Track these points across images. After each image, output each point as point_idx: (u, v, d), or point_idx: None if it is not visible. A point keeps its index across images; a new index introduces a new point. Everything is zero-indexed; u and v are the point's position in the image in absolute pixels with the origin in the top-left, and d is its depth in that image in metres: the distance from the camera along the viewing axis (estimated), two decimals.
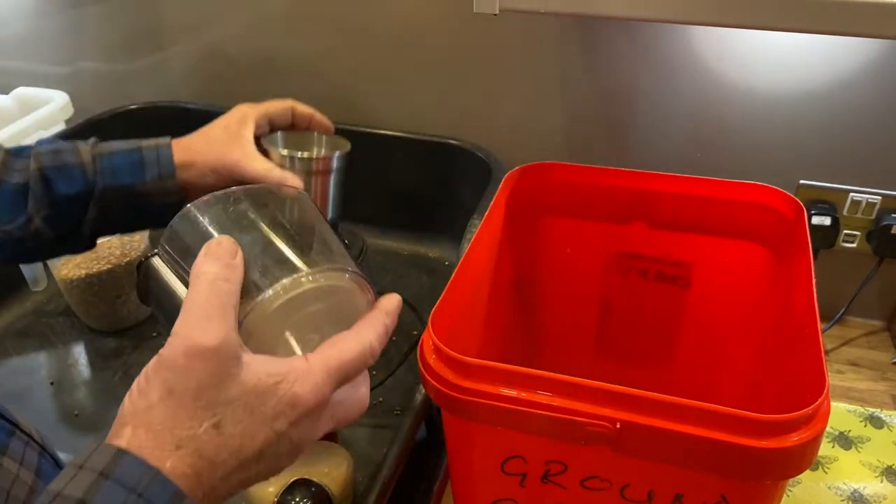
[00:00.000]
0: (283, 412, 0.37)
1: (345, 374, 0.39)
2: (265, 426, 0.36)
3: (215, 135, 0.65)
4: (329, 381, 0.38)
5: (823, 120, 0.87)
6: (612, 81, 0.93)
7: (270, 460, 0.37)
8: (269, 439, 0.36)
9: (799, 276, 0.59)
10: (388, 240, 1.05)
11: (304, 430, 0.39)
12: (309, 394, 0.37)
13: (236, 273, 0.38)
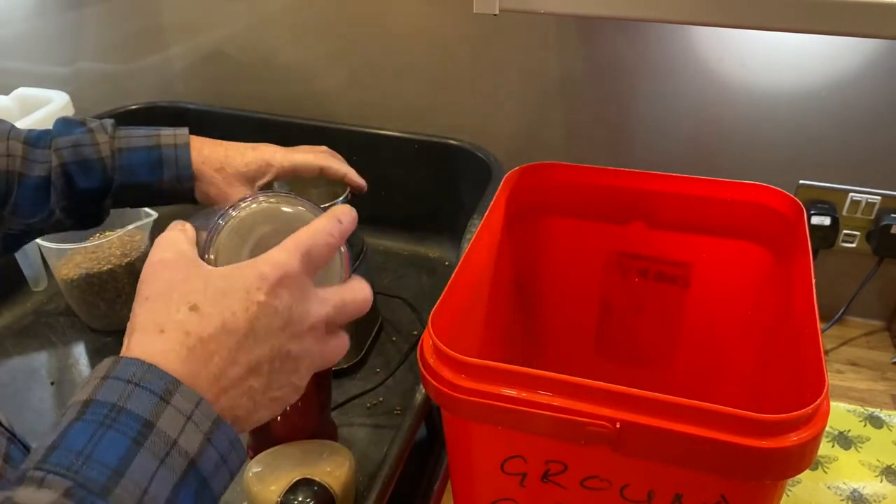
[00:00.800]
0: (255, 285, 0.37)
1: (309, 251, 0.40)
2: (243, 299, 0.37)
3: (232, 166, 0.66)
4: (295, 254, 0.39)
5: (823, 120, 0.87)
6: (611, 81, 0.93)
7: (270, 340, 0.37)
8: (252, 312, 0.37)
9: (799, 276, 0.59)
10: (388, 240, 1.05)
11: (290, 303, 0.38)
12: (275, 266, 0.38)
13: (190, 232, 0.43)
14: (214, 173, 0.65)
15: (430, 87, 1.02)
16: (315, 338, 0.40)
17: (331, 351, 0.42)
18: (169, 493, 0.32)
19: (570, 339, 0.80)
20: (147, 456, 0.32)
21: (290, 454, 0.64)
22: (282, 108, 1.08)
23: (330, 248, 0.41)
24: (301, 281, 0.39)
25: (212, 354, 0.36)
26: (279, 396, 0.39)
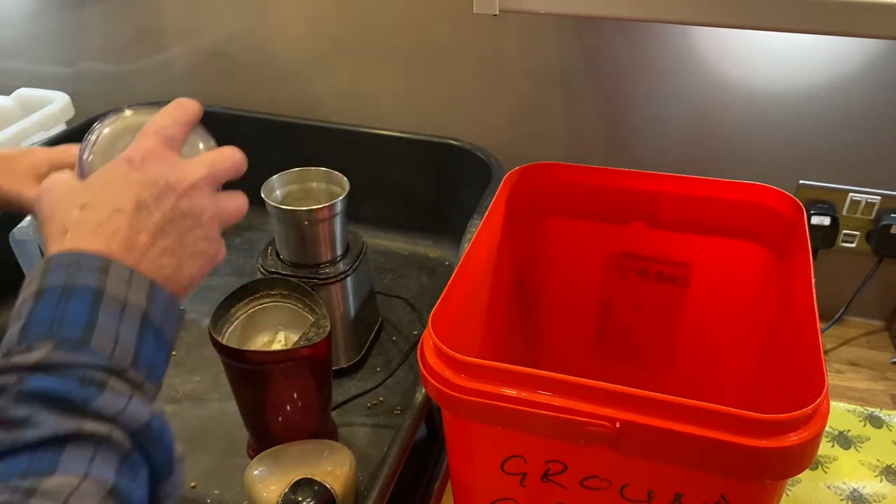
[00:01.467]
0: (126, 168, 0.42)
1: (159, 131, 0.45)
2: (121, 182, 0.42)
3: (19, 167, 0.59)
4: (149, 137, 0.44)
5: (823, 120, 0.87)
6: (611, 81, 0.93)
7: (161, 205, 0.42)
8: (133, 189, 0.41)
9: (798, 276, 0.59)
10: (388, 240, 1.05)
11: (162, 171, 0.43)
12: (136, 149, 0.43)
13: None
14: (3, 179, 0.59)
15: (430, 88, 1.02)
16: (203, 194, 0.44)
17: (226, 205, 0.47)
18: (135, 338, 0.37)
19: (570, 339, 0.81)
20: (107, 312, 0.37)
21: (291, 454, 0.64)
22: (282, 108, 1.08)
23: (178, 123, 0.46)
24: (164, 153, 0.44)
25: (114, 233, 0.40)
26: (198, 250, 0.44)
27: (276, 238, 0.79)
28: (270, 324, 0.70)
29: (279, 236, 0.78)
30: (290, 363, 0.62)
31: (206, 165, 0.45)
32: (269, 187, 0.77)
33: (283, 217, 0.75)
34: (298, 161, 0.81)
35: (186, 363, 0.85)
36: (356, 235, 0.82)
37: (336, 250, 0.78)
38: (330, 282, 0.77)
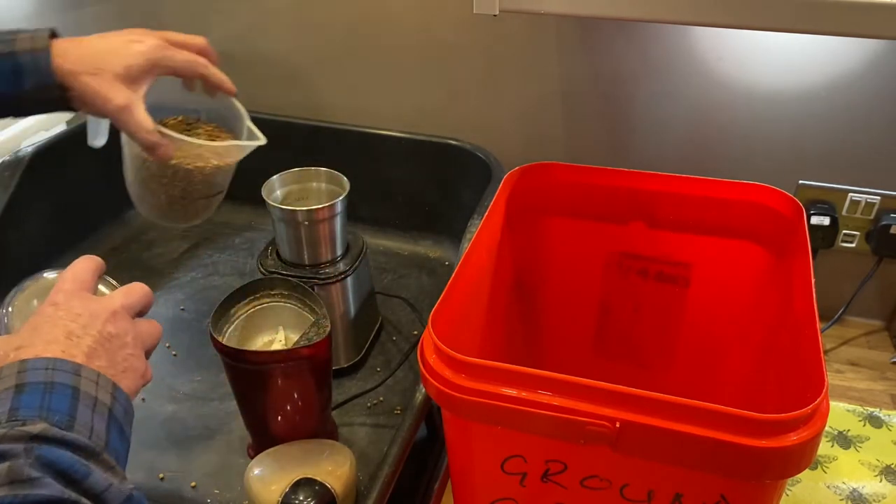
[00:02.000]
0: (50, 309, 0.47)
1: (73, 277, 0.50)
2: (49, 319, 0.46)
3: (109, 69, 0.59)
4: (63, 283, 0.49)
5: (823, 120, 0.87)
6: (611, 81, 0.93)
7: (89, 331, 0.46)
8: (62, 324, 0.45)
9: (798, 276, 0.59)
10: (388, 240, 1.05)
11: (82, 305, 0.48)
12: (55, 293, 0.48)
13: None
14: (90, 79, 0.58)
15: (430, 88, 1.02)
16: (123, 319, 0.49)
17: (145, 330, 0.51)
18: (104, 431, 0.42)
19: (570, 339, 0.81)
20: (83, 407, 0.41)
21: (291, 454, 0.64)
22: (282, 108, 1.08)
23: (86, 270, 0.51)
24: (81, 294, 0.49)
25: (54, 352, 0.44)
26: (129, 366, 0.47)
27: (276, 238, 0.79)
28: (270, 324, 0.70)
29: (279, 236, 0.78)
30: (290, 363, 0.63)
31: (120, 296, 0.50)
32: (269, 187, 0.77)
33: (284, 217, 0.75)
34: (298, 161, 0.81)
35: (186, 363, 0.85)
36: (356, 235, 0.82)
37: (336, 250, 0.78)
38: (330, 282, 0.77)
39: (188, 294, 0.96)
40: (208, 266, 1.01)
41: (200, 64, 0.65)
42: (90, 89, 0.58)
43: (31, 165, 0.93)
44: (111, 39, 0.61)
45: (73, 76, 0.58)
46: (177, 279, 0.99)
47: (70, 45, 0.59)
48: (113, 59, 0.59)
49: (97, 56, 0.59)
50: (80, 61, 0.58)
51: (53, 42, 0.58)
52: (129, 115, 0.60)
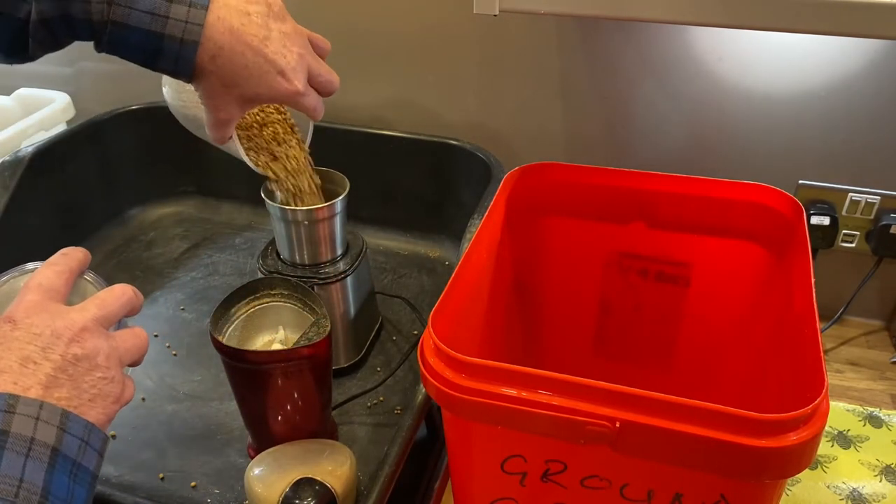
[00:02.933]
0: (5, 324, 0.42)
1: (39, 284, 0.45)
2: (4, 338, 0.41)
3: (243, 87, 0.56)
4: (29, 291, 0.44)
5: (823, 120, 0.87)
6: (611, 81, 0.93)
7: (48, 355, 0.41)
8: (16, 345, 0.41)
9: (798, 276, 0.59)
10: (388, 240, 1.05)
11: (46, 321, 0.42)
12: (16, 304, 0.43)
13: None
14: (220, 88, 0.55)
15: (430, 88, 1.02)
16: (95, 335, 0.43)
17: (123, 342, 0.46)
18: (42, 479, 0.37)
19: (569, 339, 0.81)
20: (11, 455, 0.37)
21: (292, 453, 0.64)
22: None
23: (59, 273, 0.46)
24: (47, 305, 0.43)
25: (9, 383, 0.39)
26: (98, 393, 0.42)
27: (276, 238, 0.79)
28: (270, 324, 0.70)
29: (279, 236, 0.78)
30: (290, 363, 0.63)
31: (93, 307, 0.45)
32: (269, 187, 0.77)
33: (284, 217, 0.75)
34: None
35: (186, 363, 0.85)
36: (356, 235, 0.82)
37: (336, 250, 0.78)
38: (330, 282, 0.77)
39: (188, 294, 0.96)
40: (208, 266, 1.01)
41: (317, 114, 0.62)
42: (212, 93, 0.56)
43: (31, 165, 0.93)
44: (266, 55, 0.55)
45: (209, 79, 0.55)
46: (177, 279, 0.99)
47: (227, 39, 0.53)
48: (250, 84, 0.56)
49: (241, 73, 0.55)
50: (223, 68, 0.54)
51: (208, 22, 0.52)
52: (220, 129, 0.59)
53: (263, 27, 0.55)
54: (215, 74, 0.54)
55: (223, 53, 0.53)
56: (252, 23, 0.54)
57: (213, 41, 0.53)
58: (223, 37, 0.53)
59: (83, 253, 0.49)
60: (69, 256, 0.48)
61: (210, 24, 0.52)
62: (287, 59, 0.56)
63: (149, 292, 0.96)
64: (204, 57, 0.53)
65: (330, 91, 0.61)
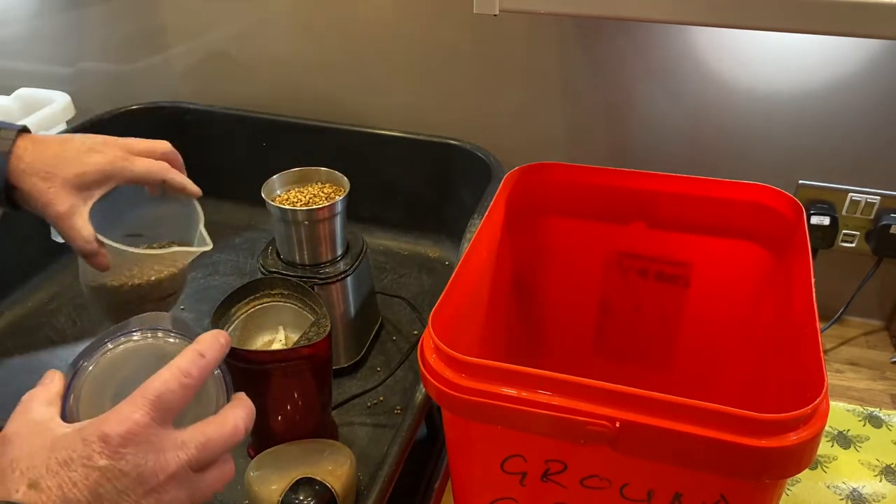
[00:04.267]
0: (97, 449, 0.37)
1: (159, 398, 0.39)
2: (83, 467, 0.36)
3: (61, 175, 0.58)
4: (142, 406, 0.38)
5: (823, 120, 0.87)
6: (611, 81, 0.93)
7: (132, 490, 0.37)
8: (94, 478, 0.36)
9: (798, 276, 0.59)
10: (388, 240, 1.05)
11: (138, 461, 0.38)
12: (119, 422, 0.37)
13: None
14: (39, 181, 0.57)
15: (430, 87, 1.02)
16: (179, 485, 0.39)
17: (206, 488, 0.41)
18: None
19: (570, 338, 0.81)
20: None
21: (291, 453, 0.64)
22: (282, 108, 1.08)
23: (186, 389, 0.40)
24: (150, 433, 0.38)
25: None
26: None
27: (276, 238, 0.79)
28: (271, 323, 0.70)
29: (279, 236, 0.78)
30: (290, 363, 0.63)
31: (194, 447, 0.40)
32: (269, 187, 0.77)
33: (284, 217, 0.75)
34: (298, 161, 0.81)
35: None
36: (356, 235, 0.82)
37: (336, 250, 0.78)
38: (330, 281, 0.77)
39: (188, 294, 0.96)
40: (208, 266, 1.01)
41: (161, 171, 0.63)
42: (36, 191, 0.57)
43: None
44: (71, 144, 0.60)
45: (24, 176, 0.57)
46: None
47: (32, 144, 0.58)
48: (67, 166, 0.58)
49: (53, 160, 0.58)
50: (34, 163, 0.57)
51: (17, 141, 0.58)
52: (69, 222, 0.58)
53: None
54: (31, 173, 0.57)
55: (35, 147, 0.59)
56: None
57: (23, 142, 0.58)
58: (27, 142, 0.59)
59: (223, 354, 0.44)
60: (208, 360, 0.42)
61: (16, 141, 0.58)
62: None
63: None
64: (15, 160, 0.57)
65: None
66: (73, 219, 0.58)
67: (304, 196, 0.78)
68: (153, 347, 0.44)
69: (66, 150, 0.59)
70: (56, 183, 0.57)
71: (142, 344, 0.44)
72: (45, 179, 0.57)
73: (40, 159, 0.58)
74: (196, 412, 0.42)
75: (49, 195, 0.57)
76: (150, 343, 0.44)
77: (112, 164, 0.60)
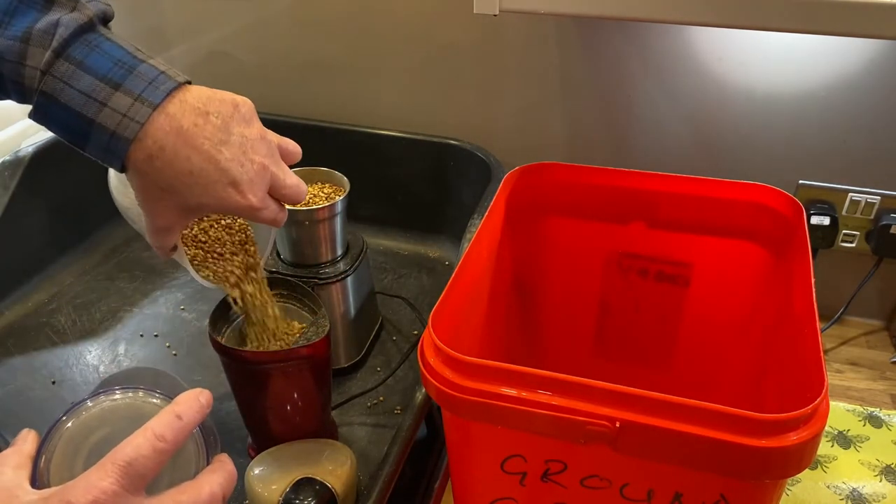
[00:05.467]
0: (71, 498, 0.36)
1: (130, 465, 0.37)
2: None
3: (183, 195, 0.49)
4: (111, 473, 0.37)
5: (823, 120, 0.87)
6: (611, 81, 0.93)
7: None
8: None
9: (798, 276, 0.59)
10: (388, 240, 1.05)
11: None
12: (86, 491, 0.36)
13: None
14: (157, 191, 0.49)
15: (430, 88, 1.02)
16: None
17: None
18: None
19: (570, 339, 0.81)
20: None
21: (292, 453, 0.64)
22: (282, 108, 1.08)
23: (160, 454, 0.38)
24: (119, 503, 0.36)
25: None
26: None
27: (276, 238, 0.79)
28: None
29: (279, 236, 0.78)
30: (289, 363, 0.63)
31: None
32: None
33: None
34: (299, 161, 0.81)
35: (186, 363, 0.85)
36: (356, 235, 0.82)
37: (336, 250, 0.78)
38: (330, 282, 0.77)
39: (188, 294, 0.96)
40: None
41: (276, 224, 0.55)
42: (149, 196, 0.50)
43: (31, 165, 0.94)
44: (218, 163, 0.48)
45: (145, 178, 0.48)
46: (177, 279, 0.99)
47: (172, 140, 0.47)
48: (193, 192, 0.48)
49: (184, 179, 0.48)
50: (163, 171, 0.47)
51: (154, 123, 0.46)
52: (161, 237, 0.54)
53: (222, 130, 0.48)
54: (151, 176, 0.48)
55: (163, 155, 0.46)
56: (209, 124, 0.47)
57: (153, 139, 0.46)
58: (167, 137, 0.46)
59: (203, 415, 0.42)
60: (185, 422, 0.40)
61: (154, 121, 0.46)
62: (244, 168, 0.49)
63: (149, 292, 0.96)
64: (139, 155, 0.46)
65: (295, 202, 0.54)
66: (167, 235, 0.54)
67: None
68: (131, 407, 0.43)
69: (204, 171, 0.48)
70: (172, 201, 0.49)
71: (120, 403, 0.43)
72: (165, 191, 0.49)
73: (171, 170, 0.47)
74: (172, 476, 0.41)
75: (158, 206, 0.50)
76: (129, 402, 0.43)
77: (237, 210, 0.50)
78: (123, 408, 0.43)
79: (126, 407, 0.43)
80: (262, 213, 0.51)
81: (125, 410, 0.43)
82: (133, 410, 0.43)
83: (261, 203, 0.51)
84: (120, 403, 0.43)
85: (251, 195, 0.50)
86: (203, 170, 0.48)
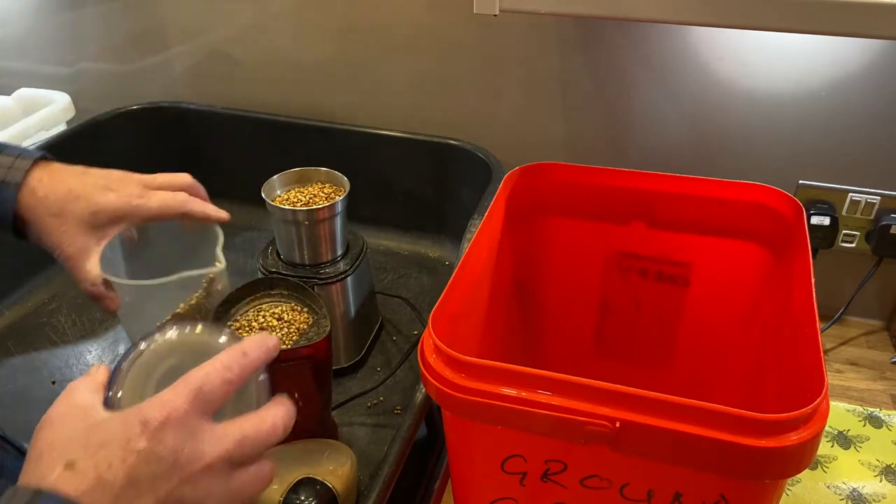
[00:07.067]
0: (137, 431, 0.37)
1: (200, 389, 0.39)
2: (121, 449, 0.36)
3: (74, 213, 0.55)
4: (183, 393, 0.38)
5: (823, 120, 0.87)
6: (611, 81, 0.93)
7: (155, 489, 0.36)
8: (131, 461, 0.36)
9: (798, 276, 0.59)
10: (388, 240, 1.05)
11: (176, 446, 0.37)
12: (160, 407, 0.37)
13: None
14: (51, 218, 0.54)
15: (430, 88, 1.02)
16: (215, 477, 0.38)
17: (242, 487, 0.40)
18: None
19: (570, 338, 0.81)
20: None
21: (292, 454, 0.64)
22: (282, 108, 1.08)
23: (227, 384, 0.40)
24: (190, 421, 0.38)
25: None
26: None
27: (276, 238, 0.79)
28: None
29: (279, 236, 0.78)
30: (290, 363, 0.63)
31: (231, 440, 0.39)
32: (269, 187, 0.77)
33: (284, 217, 0.75)
34: (298, 161, 0.81)
35: None
36: (356, 235, 0.82)
37: (336, 250, 0.78)
38: (330, 282, 0.77)
39: None
40: None
41: (179, 204, 0.61)
42: (47, 229, 0.55)
43: None
44: (88, 179, 0.57)
45: (35, 212, 0.54)
46: None
47: (48, 175, 0.55)
48: (80, 204, 0.55)
49: (66, 196, 0.55)
50: (47, 198, 0.55)
51: (33, 170, 0.55)
52: (77, 263, 0.57)
53: None
54: (43, 210, 0.53)
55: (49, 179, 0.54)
56: None
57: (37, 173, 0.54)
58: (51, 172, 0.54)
59: (273, 352, 0.44)
60: (250, 359, 0.42)
61: None
62: None
63: None
64: (27, 194, 0.53)
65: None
66: (82, 261, 0.56)
67: (304, 196, 0.78)
68: (201, 342, 0.44)
69: (81, 185, 0.56)
70: (68, 221, 0.54)
71: (191, 337, 0.44)
72: (57, 216, 0.54)
73: (54, 194, 0.55)
74: (235, 411, 0.42)
75: (59, 234, 0.55)
76: (198, 337, 0.44)
77: (127, 204, 0.57)
78: (194, 340, 0.44)
79: (196, 340, 0.44)
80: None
81: (195, 343, 0.44)
82: (202, 345, 0.44)
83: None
84: (191, 337, 0.44)
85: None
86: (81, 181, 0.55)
